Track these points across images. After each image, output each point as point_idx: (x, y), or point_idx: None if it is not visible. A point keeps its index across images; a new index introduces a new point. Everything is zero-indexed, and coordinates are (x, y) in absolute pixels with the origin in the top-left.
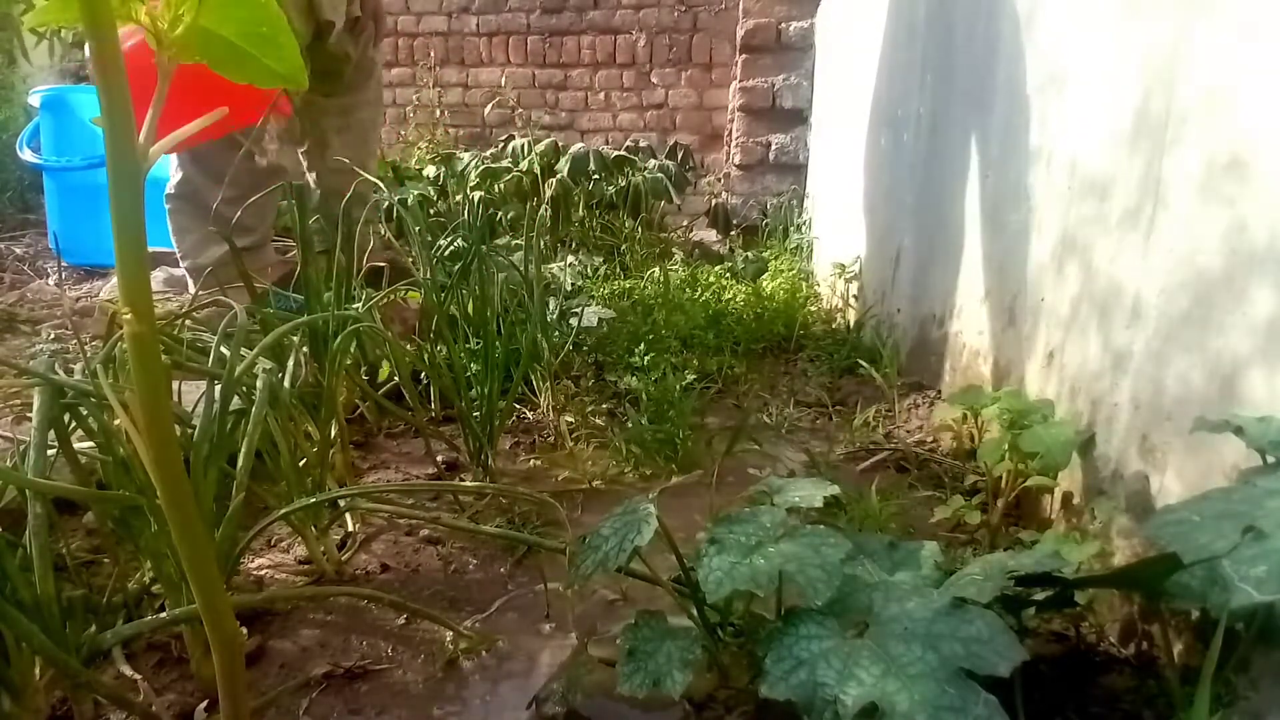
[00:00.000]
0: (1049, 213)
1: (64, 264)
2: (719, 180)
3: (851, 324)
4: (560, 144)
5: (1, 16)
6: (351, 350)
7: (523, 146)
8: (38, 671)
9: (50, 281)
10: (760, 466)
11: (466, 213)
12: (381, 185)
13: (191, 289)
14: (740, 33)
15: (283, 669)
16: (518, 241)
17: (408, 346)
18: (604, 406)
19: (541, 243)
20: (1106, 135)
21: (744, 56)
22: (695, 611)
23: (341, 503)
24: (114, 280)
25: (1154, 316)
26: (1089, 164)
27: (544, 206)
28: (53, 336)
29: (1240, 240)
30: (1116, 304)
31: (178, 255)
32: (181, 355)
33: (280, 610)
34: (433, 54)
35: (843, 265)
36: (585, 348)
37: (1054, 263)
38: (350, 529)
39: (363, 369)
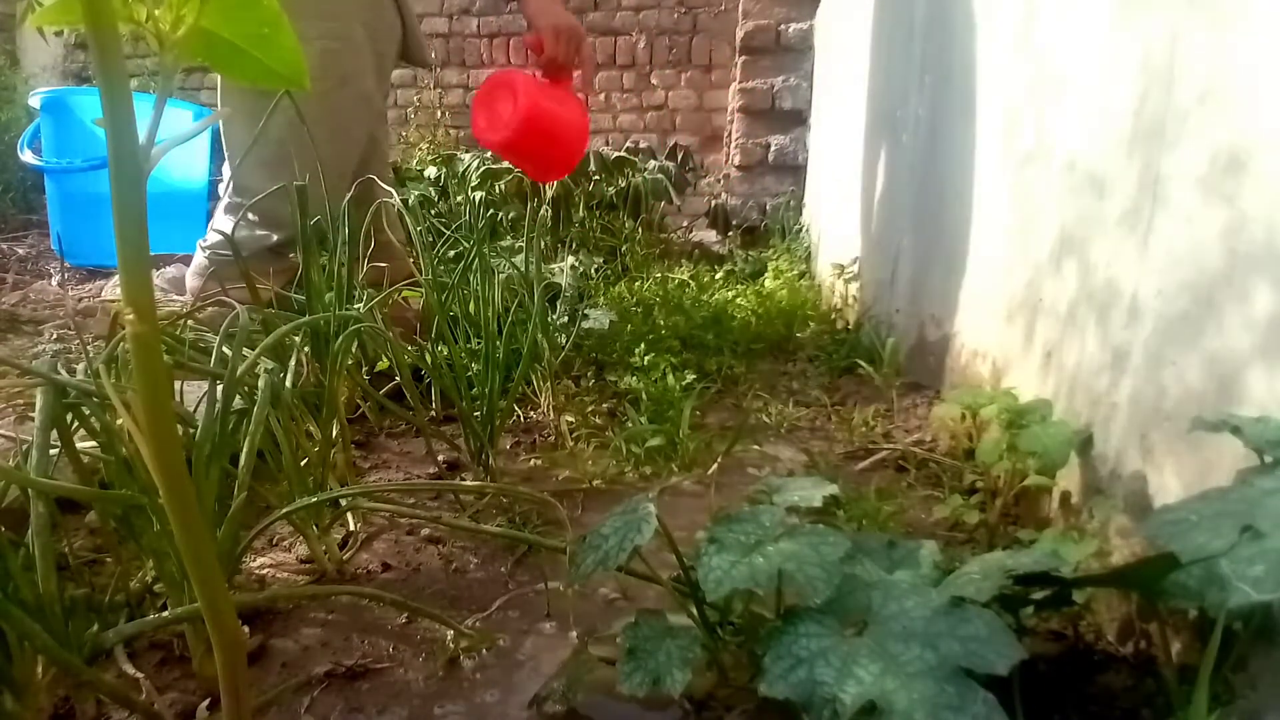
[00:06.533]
0: (1047, 213)
1: (66, 265)
2: (719, 181)
3: (850, 324)
4: None
5: (1, 18)
6: (353, 350)
7: None
8: (40, 670)
9: (53, 282)
10: (760, 466)
11: (468, 213)
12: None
13: (190, 282)
14: (740, 34)
15: (284, 667)
16: (519, 242)
17: (409, 347)
18: (604, 406)
19: (542, 243)
20: (1104, 135)
21: (743, 58)
22: (695, 610)
23: (343, 502)
24: (116, 280)
25: (1152, 315)
26: (1086, 164)
27: (544, 207)
28: (55, 337)
29: (1239, 239)
30: (1114, 303)
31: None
32: (184, 355)
33: (282, 609)
34: (434, 55)
35: (842, 265)
36: (585, 348)
37: (1052, 262)
38: (351, 528)
39: (364, 369)
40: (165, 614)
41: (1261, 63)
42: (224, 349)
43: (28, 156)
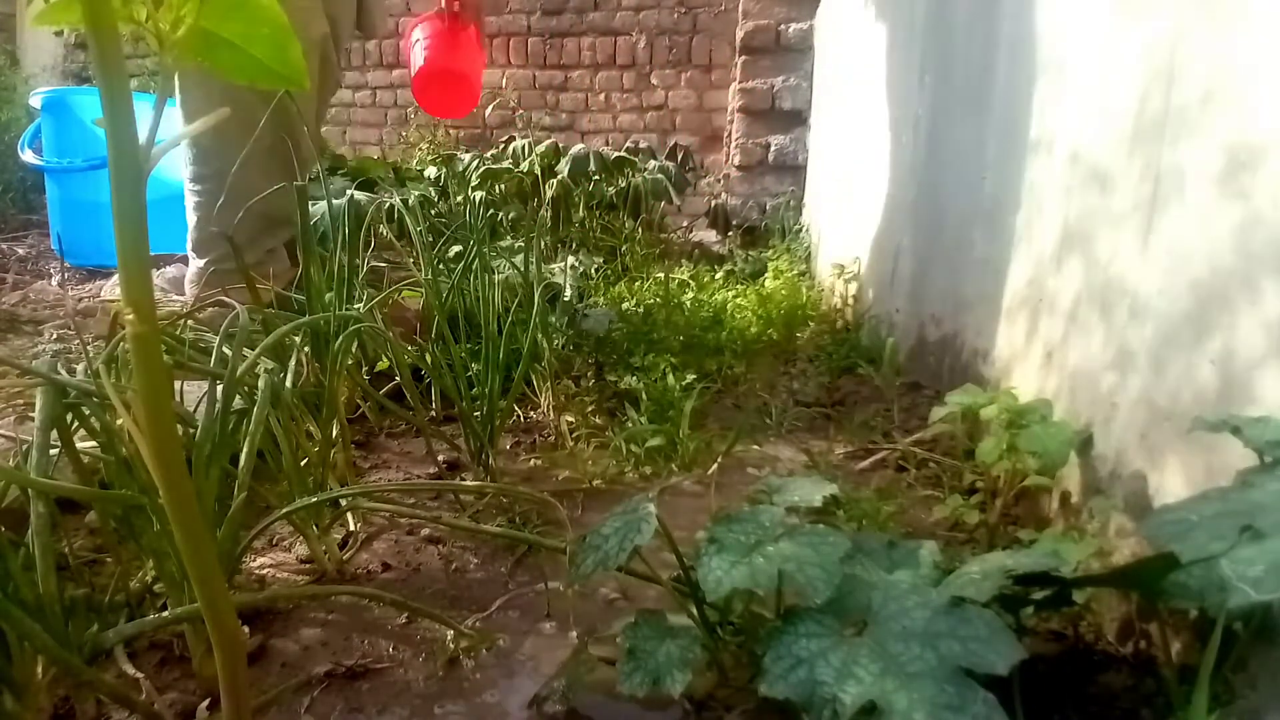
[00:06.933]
0: (1047, 212)
1: (66, 265)
2: (719, 181)
3: (850, 324)
4: (560, 145)
5: (1, 18)
6: (353, 350)
7: (523, 147)
8: (40, 670)
9: (53, 282)
10: (760, 466)
11: (468, 213)
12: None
13: (187, 290)
14: (740, 34)
15: (284, 667)
16: (519, 242)
17: (409, 347)
18: (604, 406)
19: (542, 243)
20: (1107, 133)
21: (744, 58)
22: (695, 610)
23: (343, 502)
24: (115, 280)
25: (1154, 315)
26: (1089, 162)
27: (544, 207)
28: (55, 337)
29: (1250, 236)
30: (1116, 303)
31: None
32: (184, 355)
33: (282, 609)
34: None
35: (842, 265)
36: (585, 348)
37: (1053, 262)
38: (351, 528)
39: (364, 369)
40: (165, 614)
41: (1266, 58)
42: (224, 349)
43: (28, 156)
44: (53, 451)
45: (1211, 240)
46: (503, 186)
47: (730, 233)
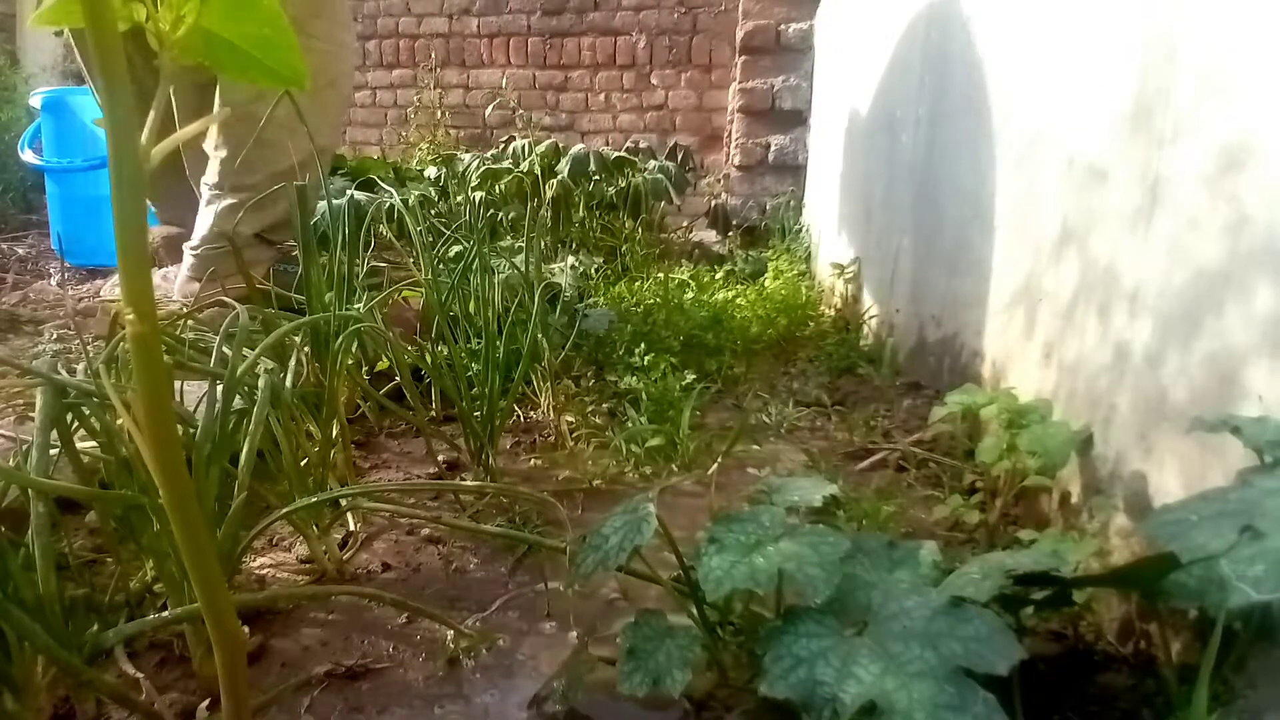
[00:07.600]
0: (1045, 213)
1: (66, 265)
2: (718, 181)
3: (850, 324)
4: (561, 145)
5: (1, 18)
6: (353, 350)
7: (523, 147)
8: (40, 670)
9: (53, 282)
10: (760, 466)
11: (468, 213)
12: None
13: (177, 291)
14: (740, 34)
15: (284, 667)
16: (519, 242)
17: (409, 347)
18: (604, 406)
19: (542, 243)
20: (1104, 135)
21: (743, 58)
22: (695, 610)
23: (343, 502)
24: (115, 279)
25: (1153, 316)
26: (1086, 164)
27: (544, 207)
28: (55, 336)
29: (1242, 235)
30: (1115, 303)
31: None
32: (184, 355)
33: (282, 609)
34: (434, 55)
35: (842, 266)
36: (585, 348)
37: (1052, 262)
38: (352, 528)
39: (364, 369)
40: (165, 614)
41: (1267, 52)
42: (224, 349)
43: (28, 156)
44: (53, 451)
45: (1209, 241)
46: (503, 186)
47: (730, 233)
